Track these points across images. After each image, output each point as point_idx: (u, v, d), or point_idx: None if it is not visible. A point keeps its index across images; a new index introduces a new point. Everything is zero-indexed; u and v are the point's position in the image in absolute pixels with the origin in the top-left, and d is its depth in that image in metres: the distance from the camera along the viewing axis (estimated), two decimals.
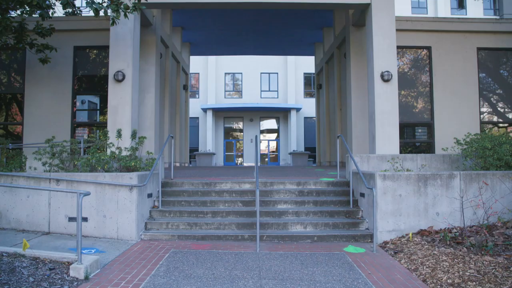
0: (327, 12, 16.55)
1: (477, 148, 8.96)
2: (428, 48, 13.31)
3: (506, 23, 13.51)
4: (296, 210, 8.20)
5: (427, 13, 34.89)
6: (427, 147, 13.19)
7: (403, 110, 13.04)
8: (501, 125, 13.74)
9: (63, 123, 12.77)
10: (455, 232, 7.12)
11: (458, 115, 13.00)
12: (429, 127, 13.17)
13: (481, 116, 13.28)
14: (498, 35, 13.38)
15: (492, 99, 13.79)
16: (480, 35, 13.39)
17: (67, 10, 13.21)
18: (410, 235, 7.28)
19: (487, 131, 13.06)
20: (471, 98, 13.16)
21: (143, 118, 12.61)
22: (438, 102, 13.08)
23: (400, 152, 11.44)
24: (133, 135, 9.79)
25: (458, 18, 13.90)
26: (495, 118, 13.75)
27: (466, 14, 34.33)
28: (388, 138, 10.40)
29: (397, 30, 11.06)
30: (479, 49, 13.41)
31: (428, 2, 35.18)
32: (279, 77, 34.57)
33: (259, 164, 11.89)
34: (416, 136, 13.64)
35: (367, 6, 11.01)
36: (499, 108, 13.78)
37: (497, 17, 33.27)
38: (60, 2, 7.62)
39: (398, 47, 12.01)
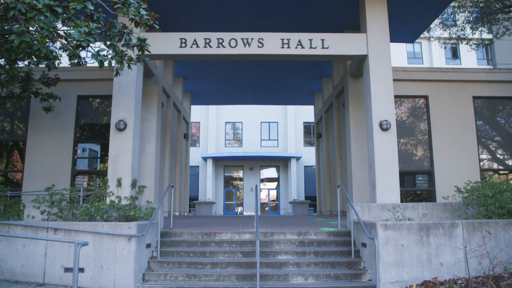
0: (326, 63, 16.98)
1: (478, 196, 8.90)
2: (425, 97, 13.55)
3: (499, 73, 13.85)
4: (297, 261, 8.03)
5: (422, 63, 35.86)
6: (428, 195, 13.11)
7: (403, 158, 13.08)
8: (501, 172, 13.74)
9: (63, 171, 12.77)
10: (461, 283, 6.94)
11: (458, 163, 13.02)
12: (429, 175, 13.16)
13: (481, 163, 13.30)
14: (493, 84, 13.67)
15: (491, 146, 13.87)
16: (476, 84, 13.68)
17: (73, 61, 13.59)
18: (414, 286, 7.09)
19: (487, 178, 13.03)
20: (470, 145, 13.24)
21: (144, 167, 12.63)
22: (437, 150, 13.14)
23: (401, 201, 11.35)
24: (133, 184, 9.79)
25: (453, 68, 14.26)
26: (495, 165, 13.76)
27: (460, 64, 35.27)
28: (388, 187, 10.36)
29: (394, 80, 11.30)
30: (475, 97, 13.65)
31: (424, 53, 36.25)
32: (279, 126, 34.95)
33: (259, 213, 11.76)
34: (416, 184, 13.60)
35: (364, 57, 11.33)
36: (498, 155, 13.83)
37: (491, 66, 34.22)
38: (66, 53, 7.85)
39: (395, 96, 12.23)
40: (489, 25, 21.33)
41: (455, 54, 36.42)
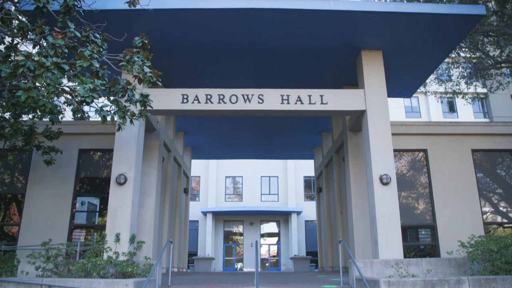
0: (325, 118, 17.24)
1: (483, 251, 8.73)
2: (425, 151, 13.62)
3: (496, 126, 14.02)
4: None
5: (420, 117, 36.41)
6: (432, 250, 12.84)
7: (404, 212, 12.95)
8: (506, 225, 13.52)
9: (61, 225, 12.57)
10: None
11: (460, 216, 12.86)
12: (432, 229, 12.96)
13: (484, 216, 13.13)
14: (490, 137, 13.80)
15: (493, 199, 13.77)
16: (474, 138, 13.81)
17: (76, 115, 13.80)
18: None
19: (491, 232, 12.83)
20: (471, 198, 13.13)
21: (143, 221, 12.47)
22: (439, 203, 13.03)
23: (404, 256, 11.12)
24: (132, 239, 9.64)
25: (451, 122, 14.46)
26: (498, 218, 13.57)
27: (457, 117, 35.84)
28: (391, 242, 10.18)
29: (392, 134, 11.44)
30: (473, 150, 13.71)
31: (421, 107, 36.89)
32: (279, 181, 34.88)
33: (259, 269, 11.49)
34: (419, 238, 13.37)
35: (362, 112, 11.53)
36: (501, 208, 13.68)
37: (487, 119, 34.76)
38: (71, 109, 8.03)
39: (394, 150, 12.32)
40: (483, 80, 21.92)
41: (451, 107, 37.10)
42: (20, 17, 7.85)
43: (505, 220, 13.57)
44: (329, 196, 17.84)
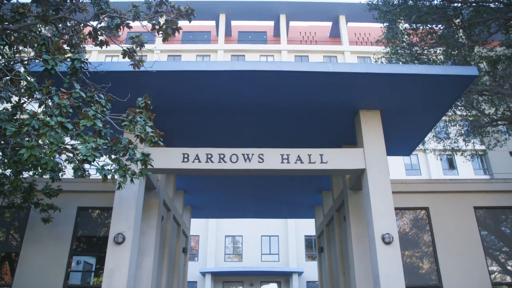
0: (325, 177, 17.23)
1: None
2: (426, 209, 13.50)
3: (496, 183, 13.99)
4: None
5: (420, 174, 36.44)
6: None
7: (409, 272, 12.60)
8: None
9: (54, 285, 12.14)
10: None
11: (467, 276, 12.48)
12: None
13: (491, 276, 12.75)
14: (492, 194, 13.72)
15: (500, 257, 13.42)
16: (475, 195, 13.71)
17: (77, 173, 13.81)
18: None
19: None
20: (477, 257, 12.81)
21: (140, 282, 12.10)
22: (443, 263, 12.71)
23: None
24: None
25: (451, 179, 14.45)
26: (507, 278, 13.14)
27: (458, 174, 35.90)
28: None
29: (393, 192, 11.38)
30: (476, 208, 13.57)
31: (421, 164, 37.02)
32: (279, 240, 34.28)
33: None
34: None
35: (362, 171, 11.55)
36: (509, 267, 13.30)
37: (488, 176, 34.78)
38: (72, 167, 8.09)
39: (396, 208, 12.21)
40: (480, 137, 22.21)
41: (451, 164, 37.25)
42: (29, 78, 8.10)
43: None
44: (330, 256, 17.44)
